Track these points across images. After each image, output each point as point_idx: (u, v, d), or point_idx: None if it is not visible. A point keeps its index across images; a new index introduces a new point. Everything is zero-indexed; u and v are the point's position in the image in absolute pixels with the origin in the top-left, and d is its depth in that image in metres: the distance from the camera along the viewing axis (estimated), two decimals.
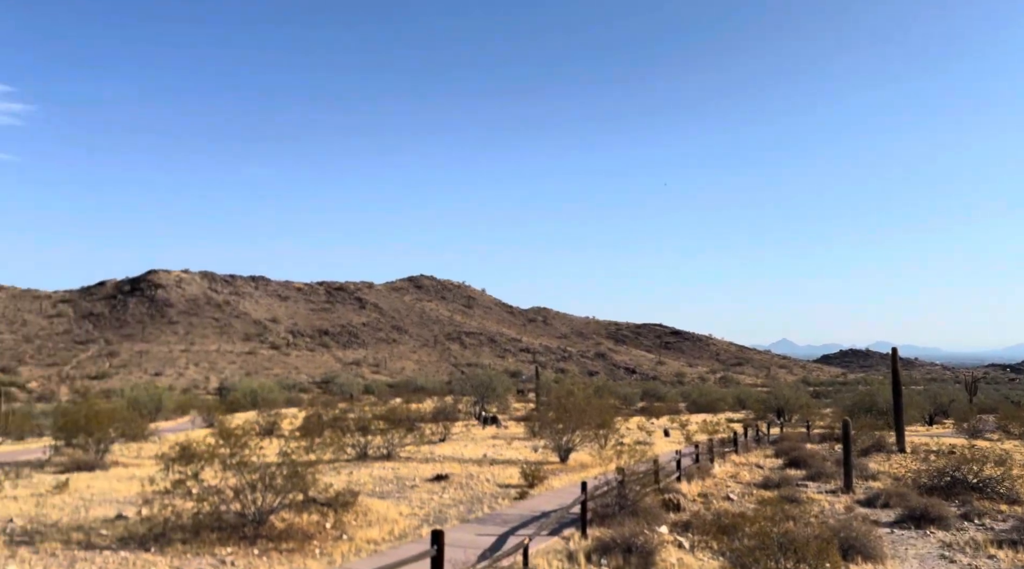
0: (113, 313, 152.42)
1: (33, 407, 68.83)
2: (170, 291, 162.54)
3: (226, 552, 12.37)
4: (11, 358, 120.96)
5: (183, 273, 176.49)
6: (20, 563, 11.61)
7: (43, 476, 21.82)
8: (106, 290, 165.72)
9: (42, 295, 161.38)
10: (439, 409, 44.48)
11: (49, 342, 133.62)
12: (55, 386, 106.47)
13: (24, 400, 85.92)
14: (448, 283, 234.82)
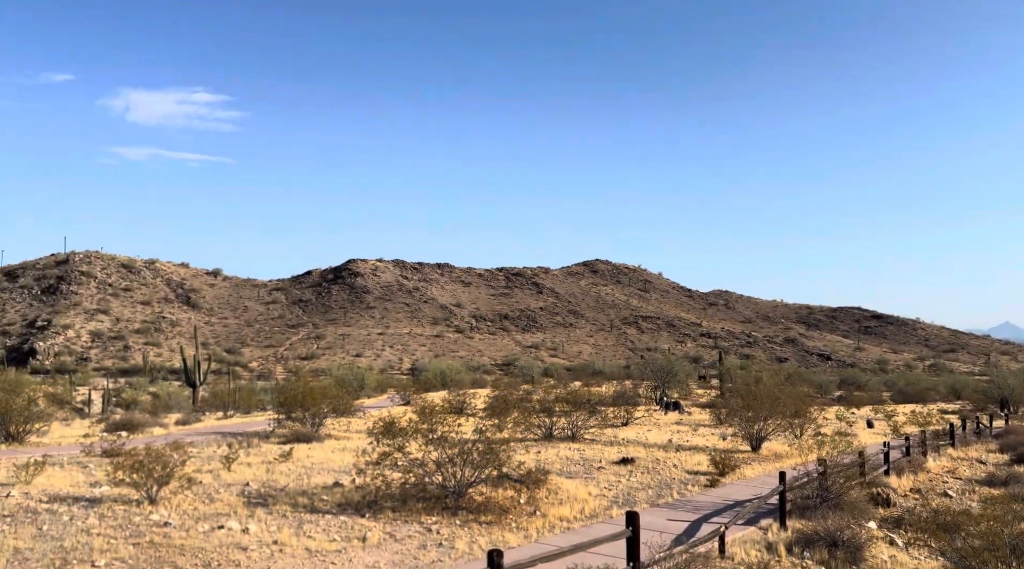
0: (319, 299, 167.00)
1: (255, 384, 77.38)
2: (367, 279, 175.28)
3: (431, 521, 13.22)
4: (235, 340, 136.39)
5: (378, 262, 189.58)
6: (258, 522, 13.12)
7: (269, 446, 24.48)
8: (312, 279, 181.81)
9: (259, 284, 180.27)
10: (619, 393, 44.43)
11: (266, 326, 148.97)
12: (272, 366, 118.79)
13: (247, 378, 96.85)
14: (623, 267, 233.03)
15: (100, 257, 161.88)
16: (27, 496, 14.98)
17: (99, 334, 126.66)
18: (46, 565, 10.38)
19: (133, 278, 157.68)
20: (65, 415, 51.55)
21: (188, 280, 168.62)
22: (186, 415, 39.96)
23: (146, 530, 12.32)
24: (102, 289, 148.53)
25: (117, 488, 15.48)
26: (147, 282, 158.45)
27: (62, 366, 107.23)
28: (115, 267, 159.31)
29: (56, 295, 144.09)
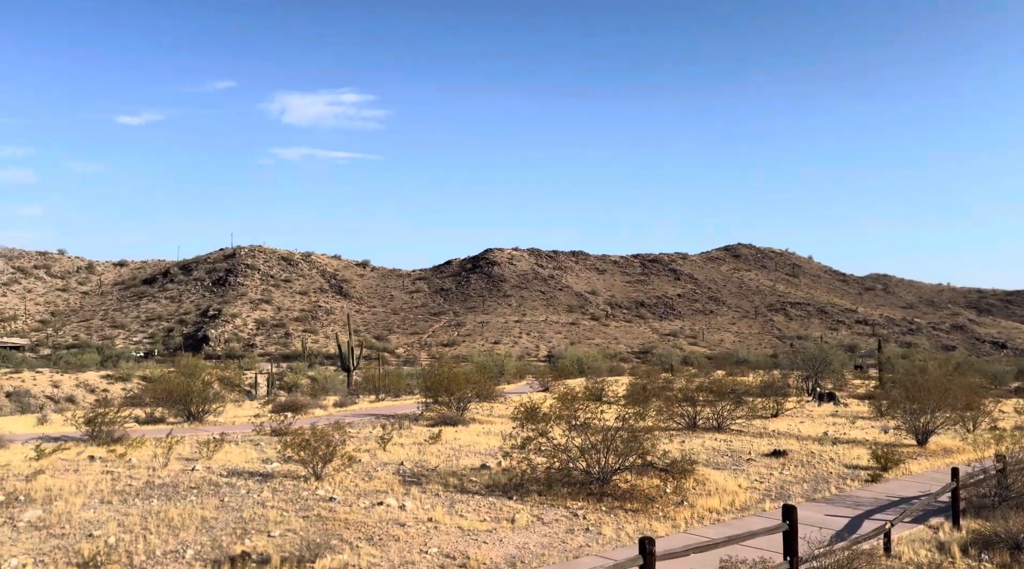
0: (459, 288, 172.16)
1: (401, 369, 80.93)
2: (503, 267, 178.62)
3: (577, 506, 13.35)
4: (383, 328, 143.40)
5: (514, 251, 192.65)
6: (413, 499, 13.79)
7: (419, 428, 25.61)
8: (452, 268, 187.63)
9: (404, 274, 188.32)
10: (766, 383, 42.72)
11: (410, 314, 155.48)
12: (416, 351, 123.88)
13: (394, 363, 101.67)
14: (769, 251, 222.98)
15: (262, 251, 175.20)
16: (209, 470, 16.54)
17: (263, 322, 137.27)
18: (229, 533, 11.43)
19: (292, 270, 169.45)
20: (236, 397, 56.45)
21: (340, 271, 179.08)
22: (342, 398, 42.54)
23: (313, 504, 13.28)
24: (265, 280, 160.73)
25: (286, 465, 16.78)
26: (304, 273, 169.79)
27: (231, 352, 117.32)
28: (276, 260, 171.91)
29: (225, 286, 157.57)
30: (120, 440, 20.73)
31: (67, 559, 9.98)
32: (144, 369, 76.04)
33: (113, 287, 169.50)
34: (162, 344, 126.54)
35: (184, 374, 40.86)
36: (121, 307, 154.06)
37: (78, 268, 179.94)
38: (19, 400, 61.73)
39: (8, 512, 12.28)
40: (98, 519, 12.02)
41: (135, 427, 24.95)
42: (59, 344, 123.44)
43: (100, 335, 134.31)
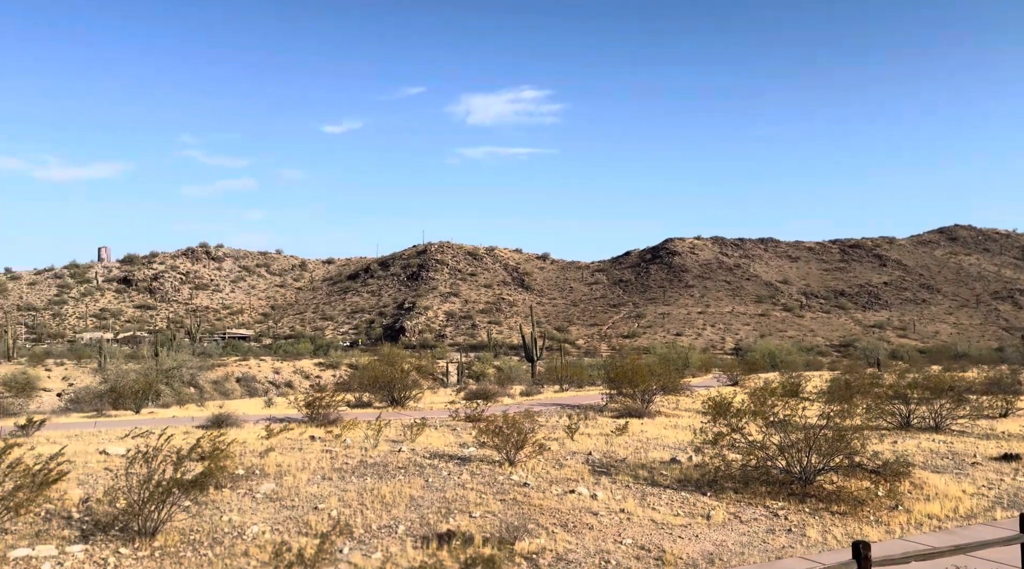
0: (638, 279, 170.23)
1: (582, 360, 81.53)
2: (685, 257, 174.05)
3: (776, 505, 12.78)
4: (563, 319, 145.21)
5: (695, 240, 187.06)
6: (603, 489, 13.89)
7: (604, 419, 25.71)
8: (631, 259, 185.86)
9: (583, 266, 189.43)
10: (992, 380, 38.16)
11: (590, 306, 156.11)
12: (596, 343, 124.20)
13: (575, 354, 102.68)
14: (992, 232, 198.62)
15: (450, 247, 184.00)
16: (413, 452, 17.71)
17: (452, 314, 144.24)
18: (434, 512, 12.19)
19: (477, 264, 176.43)
20: (430, 384, 59.91)
21: (522, 264, 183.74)
22: (527, 387, 43.72)
23: (509, 489, 13.81)
24: (453, 275, 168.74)
25: (481, 450, 17.56)
26: (488, 267, 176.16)
27: (424, 342, 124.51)
28: (463, 255, 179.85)
29: (418, 281, 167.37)
30: (335, 422, 22.76)
31: (298, 529, 11.15)
32: (350, 357, 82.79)
33: (322, 283, 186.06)
34: (364, 334, 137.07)
35: (385, 363, 44.03)
36: (329, 301, 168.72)
37: (293, 266, 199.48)
38: (247, 384, 69.65)
39: (248, 484, 13.93)
40: (321, 494, 13.31)
41: (347, 411, 27.29)
42: (278, 335, 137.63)
43: (312, 326, 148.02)
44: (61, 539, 10.29)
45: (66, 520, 11.20)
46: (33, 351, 76.89)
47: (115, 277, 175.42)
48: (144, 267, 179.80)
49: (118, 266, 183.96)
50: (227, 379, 67.99)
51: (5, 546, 9.89)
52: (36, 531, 10.61)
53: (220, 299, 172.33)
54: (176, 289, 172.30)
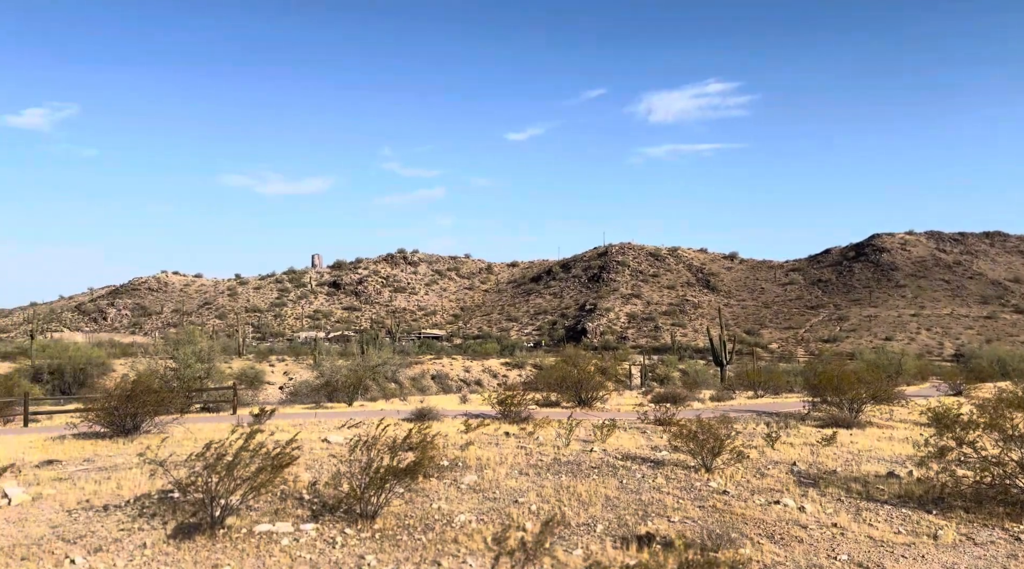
0: (840, 279, 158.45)
1: (776, 365, 77.29)
2: (894, 254, 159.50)
3: (1018, 528, 11.35)
4: (753, 322, 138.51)
5: (907, 235, 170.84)
6: (812, 502, 13.08)
7: (807, 428, 24.18)
8: (832, 257, 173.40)
9: (775, 265, 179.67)
10: None
11: (784, 307, 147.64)
12: (792, 347, 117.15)
13: (767, 359, 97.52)
14: None
15: (632, 248, 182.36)
16: (605, 453, 17.74)
17: (634, 316, 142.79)
18: (631, 514, 12.14)
19: (659, 265, 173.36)
20: (614, 386, 59.70)
21: (707, 264, 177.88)
22: (718, 392, 42.22)
23: (707, 495, 13.42)
24: (634, 276, 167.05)
25: (675, 454, 17.22)
26: (671, 268, 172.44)
27: (606, 343, 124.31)
28: (644, 256, 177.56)
29: (599, 282, 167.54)
30: (526, 420, 23.39)
31: (501, 520, 11.59)
32: (534, 358, 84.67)
33: (507, 285, 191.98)
34: (547, 335, 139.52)
35: (569, 363, 44.50)
36: (514, 302, 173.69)
37: (480, 269, 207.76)
38: (441, 381, 73.49)
39: (452, 475, 14.69)
40: (520, 488, 13.73)
41: (536, 409, 27.93)
42: (467, 335, 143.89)
43: (498, 327, 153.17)
44: (296, 517, 11.47)
45: (298, 501, 12.46)
46: (259, 348, 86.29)
47: (326, 281, 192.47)
48: (350, 272, 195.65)
49: (328, 271, 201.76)
50: (423, 376, 72.19)
51: (251, 521, 11.19)
52: (275, 509, 11.90)
53: (416, 301, 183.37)
54: (378, 292, 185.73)
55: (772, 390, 45.29)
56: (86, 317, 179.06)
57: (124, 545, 10.11)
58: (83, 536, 10.51)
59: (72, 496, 12.91)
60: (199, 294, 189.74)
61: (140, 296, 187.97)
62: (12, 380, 46.25)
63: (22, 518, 11.49)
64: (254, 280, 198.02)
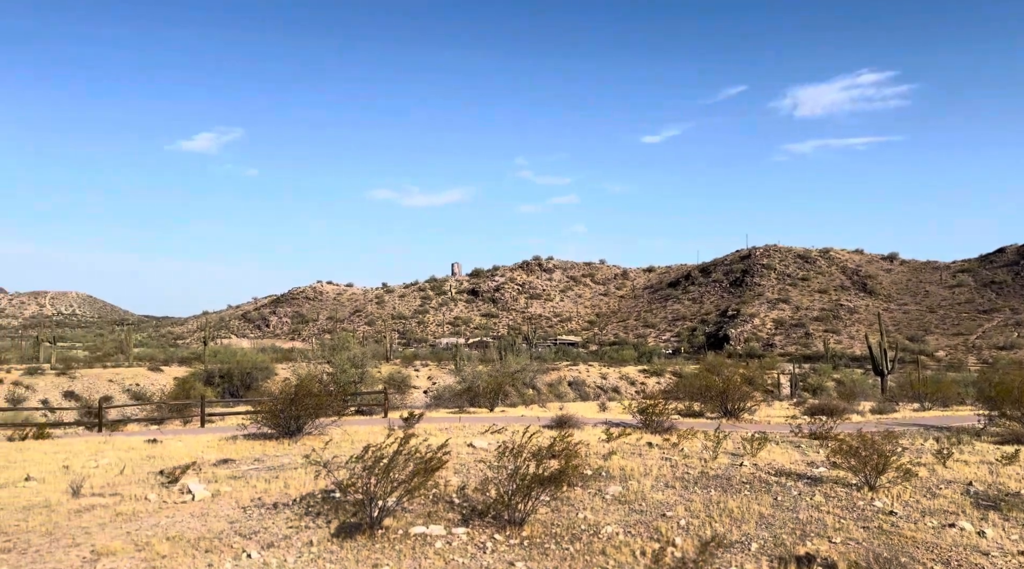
0: (1016, 280, 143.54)
1: (944, 375, 71.05)
2: None
3: None
4: (917, 328, 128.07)
5: None
6: (993, 527, 11.90)
7: (983, 444, 22.02)
8: (1006, 256, 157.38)
9: (940, 266, 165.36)
10: None
11: (951, 312, 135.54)
12: (961, 355, 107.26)
13: (934, 368, 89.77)
14: None
15: (778, 250, 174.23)
16: (756, 467, 17.00)
17: (781, 322, 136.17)
18: (788, 533, 11.55)
19: (809, 268, 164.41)
20: (761, 396, 57.13)
21: (863, 266, 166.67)
22: (879, 404, 39.40)
23: (871, 516, 12.53)
24: (781, 280, 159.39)
25: (833, 470, 16.22)
26: (822, 271, 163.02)
27: (751, 351, 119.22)
28: (792, 258, 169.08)
29: (742, 287, 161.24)
30: (669, 430, 22.86)
31: (649, 533, 11.38)
32: (673, 365, 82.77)
33: (643, 291, 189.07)
34: (687, 342, 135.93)
35: (712, 372, 43.08)
36: (651, 308, 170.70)
37: (615, 275, 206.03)
38: (577, 388, 73.41)
39: (596, 485, 14.61)
40: (667, 501, 13.43)
41: (679, 419, 27.25)
42: (603, 341, 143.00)
43: (635, 333, 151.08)
44: (447, 521, 11.83)
45: (449, 504, 12.84)
46: (404, 353, 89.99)
47: (465, 289, 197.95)
48: (488, 279, 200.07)
49: (467, 279, 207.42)
50: (560, 382, 72.45)
51: (406, 522, 11.66)
52: (428, 512, 12.34)
53: (551, 307, 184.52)
54: (514, 298, 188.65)
55: (940, 402, 41.65)
56: (251, 324, 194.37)
57: (293, 542, 10.83)
58: (257, 532, 11.37)
59: (246, 493, 14.01)
60: (350, 302, 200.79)
61: (298, 304, 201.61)
62: (188, 383, 50.97)
63: (204, 513, 12.60)
64: (399, 288, 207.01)
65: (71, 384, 51.90)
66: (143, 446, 21.27)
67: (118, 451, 20.33)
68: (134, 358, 66.93)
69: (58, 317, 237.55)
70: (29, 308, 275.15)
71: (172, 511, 12.75)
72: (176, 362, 64.63)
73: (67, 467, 17.47)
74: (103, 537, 11.08)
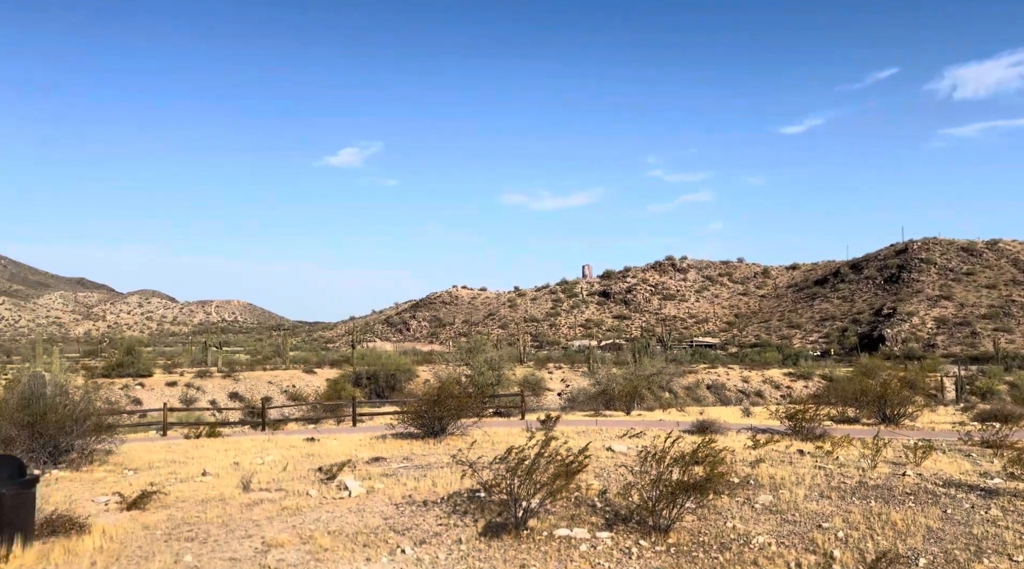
0: None
1: None
2: None
3: None
4: None
5: None
6: None
7: None
8: None
9: None
10: None
11: None
12: None
13: None
14: None
15: (938, 243, 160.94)
16: (920, 477, 15.79)
17: (943, 320, 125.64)
18: (960, 548, 10.65)
19: (974, 261, 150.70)
20: (923, 402, 52.88)
21: None
22: None
23: None
24: (943, 275, 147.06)
25: (1011, 482, 14.82)
26: (990, 264, 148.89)
27: (909, 352, 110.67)
28: (954, 251, 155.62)
29: (898, 284, 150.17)
30: (821, 437, 21.67)
31: (804, 545, 10.85)
32: (822, 368, 78.35)
33: (787, 289, 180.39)
34: (837, 343, 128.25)
35: (867, 375, 40.39)
36: (795, 308, 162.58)
37: (755, 274, 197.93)
38: (716, 392, 71.15)
39: (744, 493, 14.10)
40: (822, 512, 12.75)
41: (831, 425, 25.77)
42: (743, 343, 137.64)
43: (778, 334, 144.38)
44: (591, 525, 11.83)
45: (591, 508, 12.84)
46: (537, 356, 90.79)
47: (596, 291, 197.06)
48: (619, 281, 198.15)
49: (598, 281, 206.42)
50: (698, 386, 70.47)
51: (550, 525, 11.77)
52: (570, 514, 12.39)
53: (686, 308, 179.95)
54: (647, 300, 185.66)
55: None
56: (392, 328, 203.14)
57: (443, 539, 11.22)
58: (409, 528, 11.87)
59: (397, 491, 14.67)
60: (484, 306, 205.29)
61: (435, 309, 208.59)
62: (339, 385, 53.98)
63: (360, 509, 13.30)
64: (530, 292, 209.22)
65: (235, 386, 56.40)
66: (302, 444, 22.76)
67: (280, 449, 21.87)
68: (290, 361, 71.78)
69: (222, 324, 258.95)
70: (197, 316, 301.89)
71: (331, 506, 13.56)
72: (327, 364, 68.65)
73: (237, 463, 19.00)
74: (272, 530, 11.96)
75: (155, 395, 50.61)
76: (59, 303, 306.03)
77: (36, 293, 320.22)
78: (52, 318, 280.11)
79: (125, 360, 55.30)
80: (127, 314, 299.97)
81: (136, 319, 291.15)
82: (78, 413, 19.41)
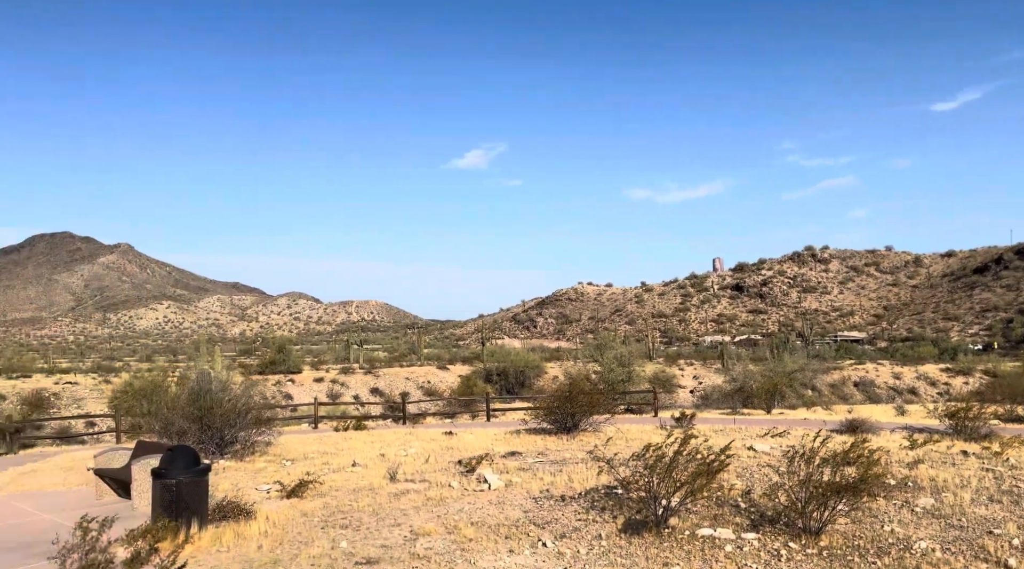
0: None
1: None
2: None
3: None
4: None
5: None
6: None
7: None
8: None
9: None
10: None
11: None
12: None
13: None
14: None
15: None
16: None
17: None
18: None
19: None
20: None
21: None
22: None
23: None
24: None
25: None
26: None
27: None
28: None
29: None
30: (988, 437, 19.95)
31: (972, 552, 10.04)
32: (985, 363, 71.99)
33: (942, 279, 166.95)
34: (1001, 336, 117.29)
35: None
36: (952, 299, 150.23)
37: (905, 263, 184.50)
38: (865, 389, 66.93)
39: (903, 496, 13.22)
40: (992, 517, 11.74)
41: (999, 424, 23.68)
42: (893, 337, 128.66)
43: (933, 327, 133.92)
44: (735, 525, 11.49)
45: (734, 508, 12.47)
46: (667, 352, 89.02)
47: (728, 285, 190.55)
48: (753, 274, 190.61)
49: (730, 274, 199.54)
50: (844, 383, 66.61)
51: (692, 524, 11.54)
52: (713, 514, 12.10)
53: (828, 301, 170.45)
54: (784, 293, 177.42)
55: None
56: (520, 325, 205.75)
57: (583, 534, 11.28)
58: (549, 522, 12.02)
59: (534, 485, 14.88)
60: (610, 302, 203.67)
61: (561, 306, 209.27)
62: (471, 381, 55.33)
63: (500, 501, 13.61)
64: (658, 287, 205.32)
65: (376, 381, 59.15)
66: (441, 437, 23.55)
67: (421, 442, 22.74)
68: (424, 358, 74.37)
69: (362, 323, 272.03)
70: (339, 316, 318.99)
71: (472, 498, 13.95)
72: (459, 361, 70.58)
73: (383, 455, 19.94)
74: (418, 519, 12.47)
75: (304, 390, 53.99)
76: (217, 306, 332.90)
77: (197, 297, 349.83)
78: (211, 320, 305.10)
79: (277, 358, 59.39)
80: (277, 315, 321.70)
81: (285, 319, 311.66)
82: (240, 407, 21.04)
